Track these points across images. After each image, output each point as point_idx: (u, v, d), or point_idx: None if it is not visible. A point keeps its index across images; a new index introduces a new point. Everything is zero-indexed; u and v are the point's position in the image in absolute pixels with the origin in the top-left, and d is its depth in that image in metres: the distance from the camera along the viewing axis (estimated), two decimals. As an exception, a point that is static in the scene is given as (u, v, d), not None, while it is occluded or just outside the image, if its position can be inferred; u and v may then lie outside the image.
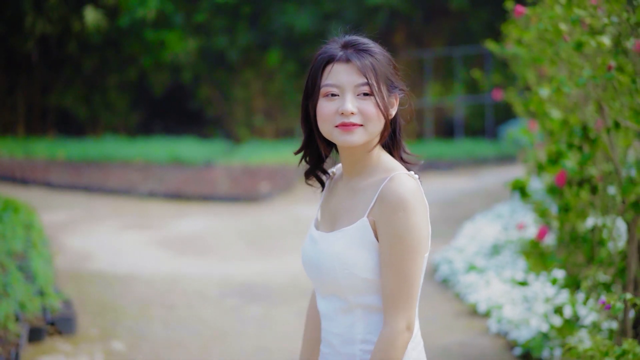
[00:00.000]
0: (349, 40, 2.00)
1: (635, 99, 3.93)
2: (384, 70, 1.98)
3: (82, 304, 5.94)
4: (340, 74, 1.95)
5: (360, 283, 1.95)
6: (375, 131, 1.97)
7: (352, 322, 1.98)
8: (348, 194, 2.03)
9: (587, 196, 4.70)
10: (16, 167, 13.48)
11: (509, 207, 8.93)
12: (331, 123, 1.95)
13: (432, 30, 18.86)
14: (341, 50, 1.97)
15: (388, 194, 1.93)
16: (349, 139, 1.94)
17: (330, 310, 2.02)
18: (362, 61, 1.94)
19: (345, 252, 1.95)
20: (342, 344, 2.00)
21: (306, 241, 2.08)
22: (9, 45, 18.63)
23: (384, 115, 1.95)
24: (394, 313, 1.91)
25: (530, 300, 5.75)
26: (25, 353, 4.81)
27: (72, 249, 8.04)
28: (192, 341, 5.30)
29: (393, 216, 1.90)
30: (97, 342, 5.20)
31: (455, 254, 7.29)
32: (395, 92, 2.01)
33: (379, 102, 1.93)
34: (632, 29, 3.81)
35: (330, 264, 1.96)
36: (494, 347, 5.20)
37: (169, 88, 20.06)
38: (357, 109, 1.94)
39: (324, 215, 2.08)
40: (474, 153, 14.93)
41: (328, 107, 1.95)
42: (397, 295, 1.91)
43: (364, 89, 1.94)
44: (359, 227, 1.95)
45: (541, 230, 4.75)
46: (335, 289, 1.99)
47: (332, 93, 1.95)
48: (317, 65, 1.98)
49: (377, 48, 2.01)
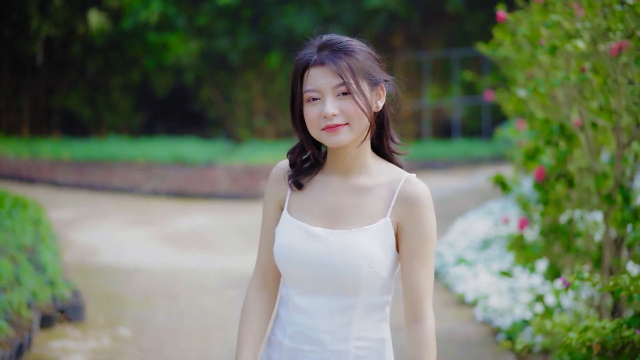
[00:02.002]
0: (325, 41, 2.00)
1: (608, 98, 4.20)
2: (361, 66, 1.98)
3: (89, 294, 6.25)
4: (318, 78, 1.96)
5: (379, 282, 1.99)
6: (362, 127, 1.98)
7: (349, 320, 2.00)
8: (351, 192, 2.04)
9: (565, 190, 4.99)
10: (22, 167, 13.81)
11: (500, 204, 9.24)
12: (317, 127, 1.98)
13: (430, 33, 19.15)
14: (316, 54, 1.98)
15: (412, 196, 1.99)
16: (336, 139, 1.97)
17: (319, 308, 2.01)
18: (337, 62, 1.95)
19: (372, 251, 1.97)
20: (333, 341, 2.01)
21: (296, 236, 2.03)
22: (15, 48, 18.92)
23: (364, 111, 1.96)
24: (426, 305, 2.00)
25: (516, 291, 6.05)
26: (37, 338, 5.12)
27: (78, 244, 8.37)
28: (193, 328, 5.60)
29: (422, 217, 1.98)
30: (104, 328, 5.51)
31: (446, 248, 7.60)
32: (380, 84, 2.02)
33: (357, 101, 1.95)
34: (603, 34, 4.05)
35: (354, 262, 1.96)
36: (479, 334, 5.50)
37: (171, 89, 20.38)
38: (339, 109, 1.96)
39: (313, 211, 2.05)
40: (469, 153, 15.24)
41: (312, 111, 1.98)
42: (428, 288, 2.00)
43: (342, 88, 1.96)
44: (382, 226, 1.99)
45: (521, 221, 5.04)
46: (343, 287, 1.98)
47: (313, 97, 1.98)
48: (296, 72, 2.01)
49: (355, 44, 2.00)
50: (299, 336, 2.03)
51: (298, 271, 2.02)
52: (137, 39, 19.20)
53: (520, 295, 5.92)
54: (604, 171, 4.60)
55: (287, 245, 2.03)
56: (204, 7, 18.56)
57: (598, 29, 4.03)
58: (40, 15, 18.47)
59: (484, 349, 5.17)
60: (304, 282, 2.02)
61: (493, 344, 5.24)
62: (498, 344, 5.20)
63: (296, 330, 2.03)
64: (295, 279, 2.03)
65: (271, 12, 18.11)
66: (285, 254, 2.03)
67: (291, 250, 2.02)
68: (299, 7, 17.74)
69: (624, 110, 4.10)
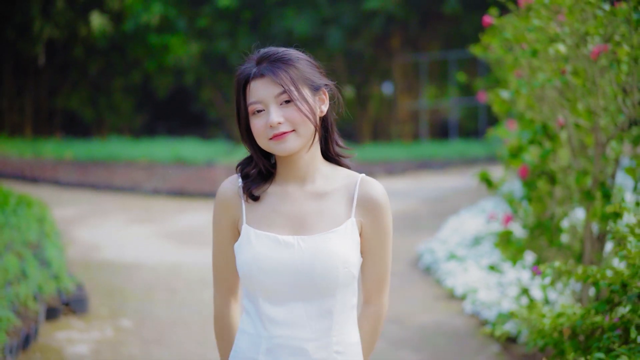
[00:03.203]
0: (262, 54, 2.04)
1: (588, 99, 4.41)
2: (301, 73, 2.02)
3: (92, 288, 6.48)
4: (259, 89, 2.00)
5: (352, 281, 2.04)
6: (308, 133, 2.01)
7: (330, 325, 2.03)
8: (311, 198, 2.07)
9: (548, 187, 5.21)
10: (26, 167, 14.04)
11: (493, 203, 9.46)
12: (265, 137, 2.00)
13: (427, 35, 19.36)
14: (255, 67, 2.02)
15: (372, 197, 2.07)
16: (284, 146, 2.00)
17: (296, 316, 2.02)
18: (276, 71, 1.99)
19: (345, 251, 2.02)
20: (317, 349, 2.02)
21: (266, 247, 2.03)
22: (18, 50, 19.15)
23: (308, 117, 1.99)
24: (380, 294, 2.13)
25: (504, 285, 6.26)
26: (43, 329, 5.35)
27: (81, 241, 8.60)
28: (192, 320, 5.83)
29: (382, 215, 2.07)
30: (107, 320, 5.74)
31: (438, 244, 7.82)
32: (322, 89, 2.06)
33: (300, 107, 1.98)
34: (582, 38, 4.26)
35: (330, 264, 1.99)
36: (467, 326, 5.71)
37: (172, 91, 20.62)
38: (283, 117, 1.99)
39: (276, 221, 2.06)
40: (465, 153, 15.48)
41: (258, 123, 2.01)
42: (383, 279, 2.13)
43: (284, 97, 1.99)
44: (349, 227, 2.04)
45: (506, 217, 5.26)
46: (320, 291, 2.01)
47: (257, 109, 2.01)
48: (238, 87, 2.04)
49: (292, 53, 2.05)
50: (278, 349, 2.02)
51: (272, 282, 2.01)
52: (138, 40, 19.43)
53: (508, 289, 6.13)
54: (584, 168, 4.79)
55: (257, 258, 2.01)
56: (204, 9, 18.78)
57: (577, 34, 4.22)
58: (43, 18, 18.70)
59: (470, 339, 5.39)
60: (279, 292, 2.02)
61: (480, 335, 5.45)
62: (484, 334, 5.42)
63: (275, 344, 2.02)
64: (268, 291, 2.02)
65: (271, 14, 18.32)
66: (257, 266, 2.01)
67: (263, 262, 2.01)
68: (298, 10, 17.96)
69: (602, 110, 4.32)
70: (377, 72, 20.67)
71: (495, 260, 6.97)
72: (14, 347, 4.58)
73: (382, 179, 14.63)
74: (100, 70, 20.13)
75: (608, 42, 4.03)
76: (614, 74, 4.10)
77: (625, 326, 3.14)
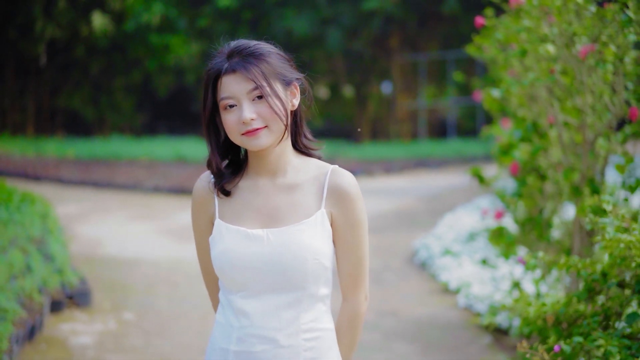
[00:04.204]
0: (233, 48, 2.02)
1: (576, 98, 4.55)
2: (273, 68, 2.01)
3: (95, 282, 6.63)
4: (231, 85, 1.98)
5: (323, 272, 2.03)
6: (280, 128, 2.01)
7: (297, 314, 2.03)
8: (281, 191, 2.07)
9: (539, 183, 5.36)
10: (28, 165, 14.21)
11: (488, 200, 9.60)
12: (237, 132, 2.00)
13: (426, 35, 19.51)
14: (227, 62, 2.00)
15: (342, 188, 2.05)
16: (257, 142, 2.00)
17: (268, 308, 2.03)
18: (248, 67, 1.98)
19: (315, 243, 2.01)
20: (286, 337, 2.03)
21: (236, 242, 2.03)
22: (19, 50, 19.30)
23: (279, 114, 1.99)
24: (355, 289, 2.10)
25: (497, 279, 6.41)
26: (48, 321, 5.51)
27: (84, 237, 8.77)
28: (193, 312, 5.99)
29: (353, 205, 2.05)
30: (109, 313, 5.90)
31: (433, 240, 7.97)
32: (293, 83, 2.05)
33: (271, 104, 1.98)
34: (569, 39, 4.40)
35: (300, 256, 2.00)
36: (460, 318, 5.87)
37: (172, 90, 20.79)
38: (256, 113, 1.98)
39: (247, 215, 2.06)
40: (463, 152, 15.64)
41: (230, 118, 1.99)
42: (359, 273, 2.10)
43: (256, 93, 1.98)
44: (319, 218, 2.03)
45: (497, 213, 5.42)
46: (291, 282, 2.02)
47: (229, 105, 1.99)
48: (207, 81, 2.02)
49: (263, 47, 2.03)
50: (249, 338, 2.03)
51: (243, 276, 2.02)
52: (139, 40, 19.59)
53: (501, 284, 6.28)
54: (573, 165, 4.93)
55: (227, 252, 2.03)
56: (204, 10, 18.94)
57: (566, 34, 4.36)
58: (44, 18, 18.85)
59: (463, 331, 5.54)
60: (250, 286, 2.03)
61: (473, 328, 5.61)
62: (476, 326, 5.58)
63: (246, 333, 2.04)
64: (239, 284, 2.04)
65: (270, 15, 18.48)
66: (227, 260, 2.02)
67: (233, 256, 2.02)
68: (297, 10, 18.11)
69: (590, 109, 4.46)
70: (376, 72, 20.83)
71: (489, 255, 7.12)
72: (20, 337, 4.73)
73: (380, 177, 14.79)
74: (102, 69, 20.29)
75: (595, 43, 4.16)
76: (601, 73, 4.24)
77: (605, 314, 3.29)
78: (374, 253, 8.15)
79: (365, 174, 14.63)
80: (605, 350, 2.85)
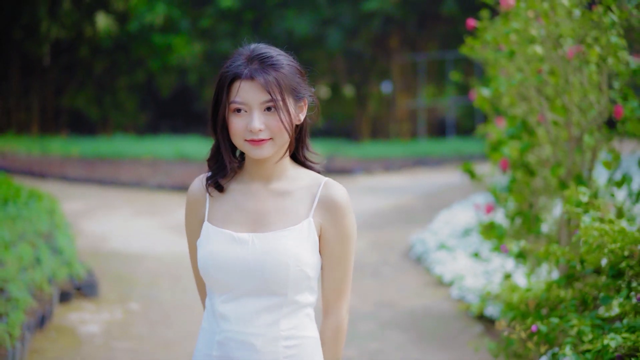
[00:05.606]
0: (255, 54, 2.02)
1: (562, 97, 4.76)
2: (289, 82, 2.02)
3: (101, 275, 6.86)
4: (247, 91, 1.99)
5: (305, 280, 2.03)
6: (284, 141, 2.02)
7: (277, 320, 2.03)
8: (272, 196, 2.08)
9: (527, 178, 5.57)
10: (34, 163, 14.43)
11: (484, 197, 9.81)
12: (241, 137, 2.01)
13: (425, 35, 19.71)
14: (246, 66, 2.00)
15: (333, 200, 2.05)
16: (260, 152, 2.01)
17: (246, 312, 2.03)
18: (266, 77, 1.98)
19: (298, 251, 2.01)
20: (265, 343, 2.02)
21: (221, 244, 2.04)
22: (24, 50, 19.51)
23: (287, 129, 2.00)
24: (338, 303, 2.11)
25: (490, 272, 6.63)
26: (57, 310, 5.74)
27: (90, 232, 9.00)
28: (194, 303, 6.19)
29: (343, 218, 2.05)
30: (116, 303, 6.13)
31: (429, 235, 8.20)
32: (304, 98, 2.08)
33: (282, 118, 1.99)
34: (556, 41, 4.61)
35: (282, 262, 2.00)
36: (453, 309, 6.09)
37: (175, 90, 21.00)
38: (264, 124, 1.99)
39: (236, 218, 2.08)
40: (461, 150, 15.85)
41: (237, 122, 2.01)
42: (343, 287, 2.10)
43: (268, 104, 1.99)
44: (305, 227, 2.04)
45: (487, 207, 5.64)
46: (271, 287, 2.02)
47: (238, 109, 2.00)
48: (223, 81, 2.02)
49: (283, 59, 2.04)
50: (228, 342, 2.04)
51: (227, 278, 2.03)
52: (142, 40, 19.80)
53: (493, 276, 6.50)
54: (561, 161, 5.13)
55: (212, 254, 2.03)
56: (207, 10, 19.14)
57: (552, 36, 4.57)
58: (49, 18, 19.06)
59: (456, 321, 5.76)
60: (233, 289, 2.03)
61: (465, 318, 5.83)
62: (468, 316, 5.80)
63: (225, 337, 2.04)
64: (223, 287, 2.04)
65: (272, 15, 18.68)
66: (212, 262, 2.03)
67: (218, 259, 2.03)
68: (298, 10, 18.31)
69: (576, 107, 4.68)
70: (376, 72, 21.04)
71: (483, 250, 7.34)
72: (32, 326, 4.95)
73: (379, 175, 15.01)
74: (106, 69, 20.50)
75: (581, 44, 4.37)
76: (587, 73, 4.45)
77: (583, 298, 3.51)
78: (372, 248, 8.38)
79: (365, 172, 14.86)
80: (578, 330, 3.07)
